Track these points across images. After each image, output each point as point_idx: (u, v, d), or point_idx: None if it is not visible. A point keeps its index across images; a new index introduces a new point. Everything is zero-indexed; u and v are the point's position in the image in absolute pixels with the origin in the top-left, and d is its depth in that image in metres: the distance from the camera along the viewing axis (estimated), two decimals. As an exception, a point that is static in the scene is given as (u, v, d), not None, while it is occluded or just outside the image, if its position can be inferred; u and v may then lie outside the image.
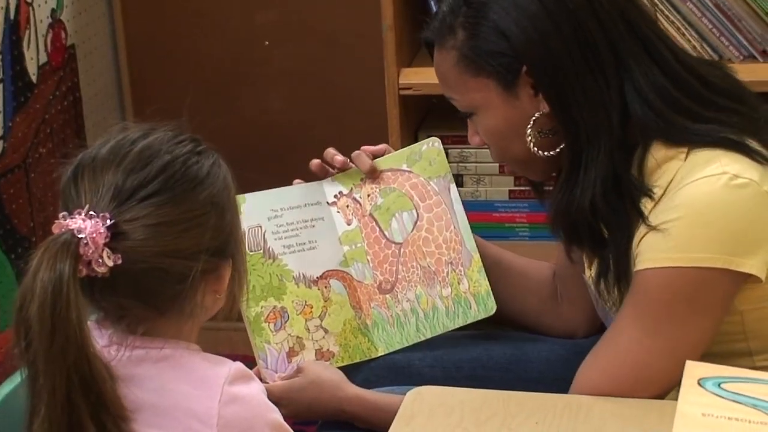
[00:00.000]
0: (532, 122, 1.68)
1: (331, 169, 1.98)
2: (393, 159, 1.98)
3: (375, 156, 1.97)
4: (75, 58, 2.86)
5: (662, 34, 1.71)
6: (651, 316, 1.61)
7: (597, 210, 1.64)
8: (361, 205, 1.97)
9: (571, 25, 1.64)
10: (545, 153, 1.70)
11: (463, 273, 1.93)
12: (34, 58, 2.66)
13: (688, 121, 1.64)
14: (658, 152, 1.63)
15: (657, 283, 1.60)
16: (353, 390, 1.84)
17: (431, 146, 1.98)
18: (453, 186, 1.97)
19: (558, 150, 1.69)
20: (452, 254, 1.94)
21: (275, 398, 1.83)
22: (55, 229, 1.35)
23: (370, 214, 1.97)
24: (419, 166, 1.97)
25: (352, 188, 1.98)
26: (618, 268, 1.67)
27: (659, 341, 1.60)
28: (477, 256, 1.93)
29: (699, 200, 1.58)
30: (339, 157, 1.95)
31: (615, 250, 1.66)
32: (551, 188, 1.79)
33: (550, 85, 1.65)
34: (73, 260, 1.32)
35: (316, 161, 1.97)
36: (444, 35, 1.72)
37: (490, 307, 1.92)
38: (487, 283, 1.92)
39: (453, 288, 1.93)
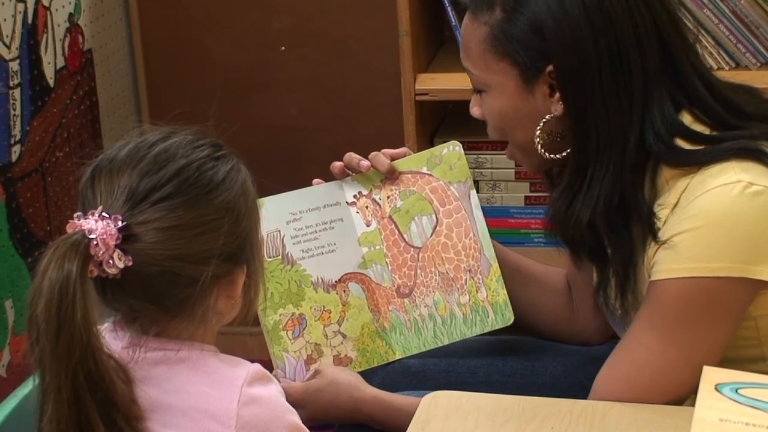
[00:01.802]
0: (542, 123, 1.68)
1: (351, 173, 1.96)
2: (413, 161, 1.96)
3: (394, 158, 1.94)
4: (92, 63, 2.87)
5: (697, 60, 1.69)
6: (668, 326, 1.60)
7: (595, 228, 1.64)
8: (380, 206, 1.96)
9: (608, 38, 1.61)
10: (550, 155, 1.69)
11: (481, 281, 1.92)
12: (51, 62, 2.67)
13: (704, 144, 1.62)
14: (668, 172, 1.63)
15: (674, 294, 1.60)
16: (370, 391, 1.83)
17: (452, 150, 1.95)
18: (473, 192, 1.95)
19: (563, 155, 1.68)
20: (471, 262, 1.93)
21: (292, 400, 1.83)
22: (69, 229, 1.35)
23: (390, 216, 1.95)
24: (439, 170, 1.95)
25: (371, 189, 1.96)
26: (620, 283, 1.66)
27: (676, 350, 1.60)
28: (496, 265, 1.92)
29: (714, 209, 1.57)
30: (365, 163, 1.92)
31: (616, 265, 1.66)
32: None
33: (572, 93, 1.63)
34: (81, 260, 1.32)
35: (338, 164, 1.94)
36: (481, 6, 1.69)
37: (508, 318, 1.91)
38: (505, 292, 1.91)
39: (471, 296, 1.92)
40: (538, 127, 1.68)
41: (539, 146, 1.69)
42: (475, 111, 1.77)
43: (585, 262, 1.79)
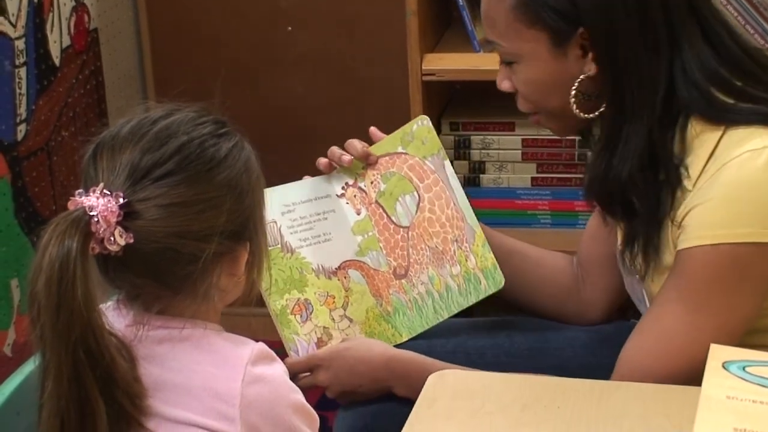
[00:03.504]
0: (577, 83, 1.68)
1: (337, 166, 1.99)
2: (388, 143, 1.98)
3: (373, 143, 1.98)
4: (98, 42, 2.86)
5: (720, 16, 1.71)
6: (697, 294, 1.61)
7: (635, 182, 1.64)
8: (366, 193, 1.98)
9: None
10: (585, 115, 1.70)
11: (469, 249, 1.93)
12: (57, 41, 2.66)
13: (731, 99, 1.63)
14: (696, 126, 1.63)
15: (703, 261, 1.60)
16: (404, 350, 1.85)
17: (422, 125, 1.97)
18: (447, 162, 1.97)
19: (597, 113, 1.69)
20: (456, 231, 1.94)
21: (318, 361, 1.84)
22: (70, 206, 1.36)
23: (376, 202, 1.98)
24: (413, 147, 1.97)
25: (356, 178, 1.99)
26: (646, 238, 1.66)
27: (707, 318, 1.60)
28: (479, 230, 1.94)
29: (742, 176, 1.58)
30: (346, 157, 1.96)
31: (645, 221, 1.66)
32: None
33: (605, 52, 1.65)
34: (82, 237, 1.32)
35: (323, 160, 1.98)
36: None
37: (499, 281, 1.92)
38: (493, 256, 1.92)
39: (462, 266, 1.94)
40: (573, 87, 1.68)
41: (574, 107, 1.69)
42: (505, 85, 1.77)
43: (612, 224, 1.80)
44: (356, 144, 1.97)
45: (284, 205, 1.95)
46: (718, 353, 1.28)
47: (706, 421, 1.18)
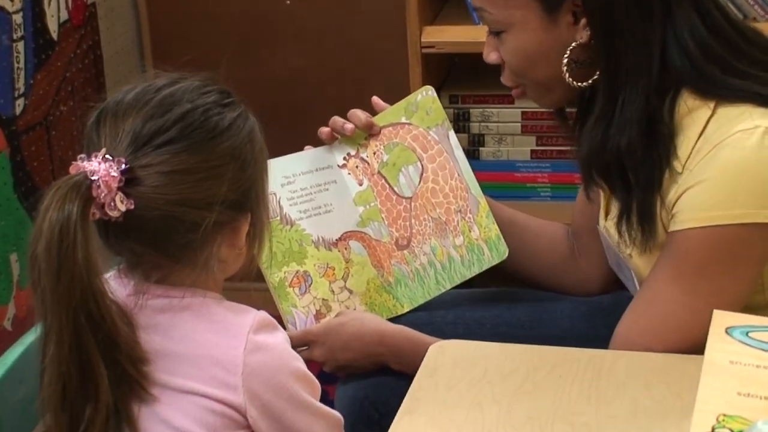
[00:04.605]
0: (569, 51, 1.66)
1: (339, 136, 1.97)
2: (391, 113, 1.97)
3: (376, 114, 1.97)
4: (96, 17, 2.86)
5: None
6: (691, 275, 1.60)
7: (633, 151, 1.62)
8: (369, 164, 1.97)
9: None
10: (578, 84, 1.68)
11: (472, 220, 1.93)
12: (54, 15, 2.65)
13: (720, 72, 1.62)
14: (688, 101, 1.62)
15: (697, 243, 1.59)
16: (397, 326, 1.85)
17: (426, 95, 1.96)
18: (452, 133, 1.96)
19: (590, 82, 1.67)
20: (460, 202, 1.94)
21: (312, 337, 1.84)
22: (72, 170, 1.35)
23: (379, 172, 1.97)
24: (417, 117, 1.96)
25: (358, 149, 1.97)
26: (642, 212, 1.65)
27: (701, 299, 1.58)
28: (483, 201, 1.93)
29: (735, 157, 1.57)
30: (349, 126, 1.94)
31: (641, 193, 1.64)
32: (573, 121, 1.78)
33: (598, 17, 1.62)
34: (82, 201, 1.32)
35: (325, 129, 1.96)
36: None
37: (503, 252, 1.91)
38: (497, 227, 1.92)
39: (465, 236, 1.93)
40: (566, 55, 1.66)
41: (567, 75, 1.67)
42: (492, 56, 1.74)
43: (597, 197, 1.79)
44: (359, 114, 1.95)
45: (284, 177, 1.94)
46: (721, 319, 1.28)
47: (709, 386, 1.19)
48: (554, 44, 1.67)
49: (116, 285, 1.43)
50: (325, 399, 1.51)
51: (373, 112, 1.98)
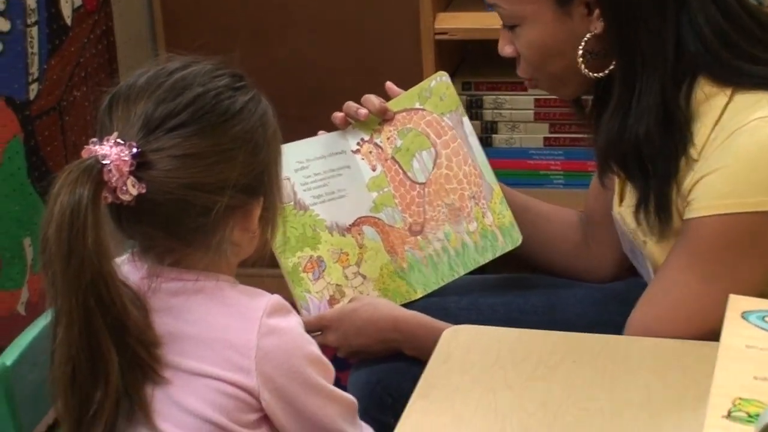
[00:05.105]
0: (583, 42, 1.66)
1: (352, 121, 1.98)
2: (405, 99, 1.97)
3: (390, 99, 1.97)
4: (109, 2, 2.86)
5: None
6: (706, 263, 1.59)
7: (651, 140, 1.62)
8: (382, 149, 1.97)
9: None
10: (594, 75, 1.68)
11: (486, 206, 1.92)
12: (68, 1, 2.66)
13: (736, 59, 1.61)
14: (704, 88, 1.61)
15: (713, 231, 1.59)
16: (410, 312, 1.85)
17: (440, 81, 1.96)
18: (466, 119, 1.95)
19: (606, 72, 1.67)
20: (473, 188, 1.93)
21: (326, 322, 1.84)
22: (84, 154, 1.35)
23: (392, 158, 1.96)
24: (431, 103, 1.95)
25: (372, 134, 1.97)
26: (659, 200, 1.65)
27: (716, 288, 1.58)
28: (497, 188, 1.93)
29: (752, 144, 1.56)
30: (362, 110, 1.94)
31: (659, 182, 1.64)
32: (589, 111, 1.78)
33: (612, 8, 1.62)
34: (93, 185, 1.32)
35: (339, 114, 1.97)
36: None
37: (516, 239, 1.91)
38: (510, 213, 1.91)
39: (478, 222, 1.93)
40: (580, 46, 1.66)
41: (583, 67, 1.67)
42: (507, 50, 1.74)
43: (612, 185, 1.79)
44: (373, 99, 1.96)
45: (297, 162, 1.94)
46: (737, 303, 1.28)
47: (725, 369, 1.18)
48: (569, 36, 1.66)
49: (130, 268, 1.44)
50: (338, 386, 1.51)
51: (387, 97, 1.98)
